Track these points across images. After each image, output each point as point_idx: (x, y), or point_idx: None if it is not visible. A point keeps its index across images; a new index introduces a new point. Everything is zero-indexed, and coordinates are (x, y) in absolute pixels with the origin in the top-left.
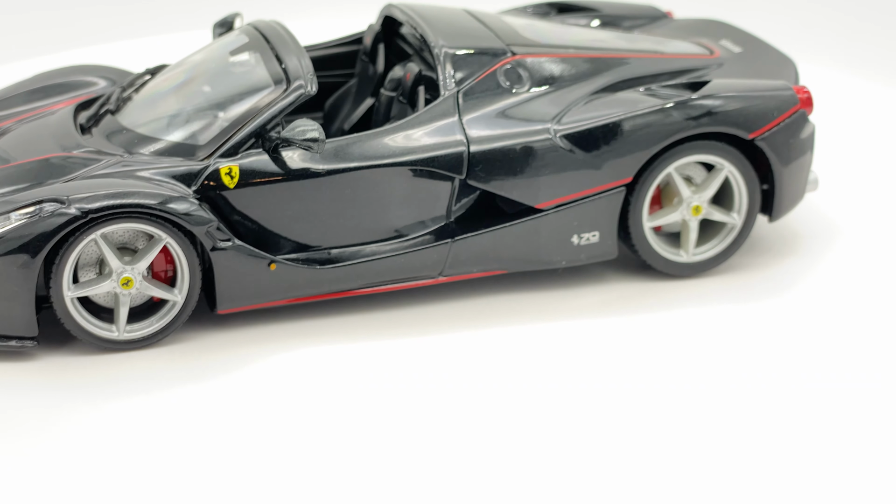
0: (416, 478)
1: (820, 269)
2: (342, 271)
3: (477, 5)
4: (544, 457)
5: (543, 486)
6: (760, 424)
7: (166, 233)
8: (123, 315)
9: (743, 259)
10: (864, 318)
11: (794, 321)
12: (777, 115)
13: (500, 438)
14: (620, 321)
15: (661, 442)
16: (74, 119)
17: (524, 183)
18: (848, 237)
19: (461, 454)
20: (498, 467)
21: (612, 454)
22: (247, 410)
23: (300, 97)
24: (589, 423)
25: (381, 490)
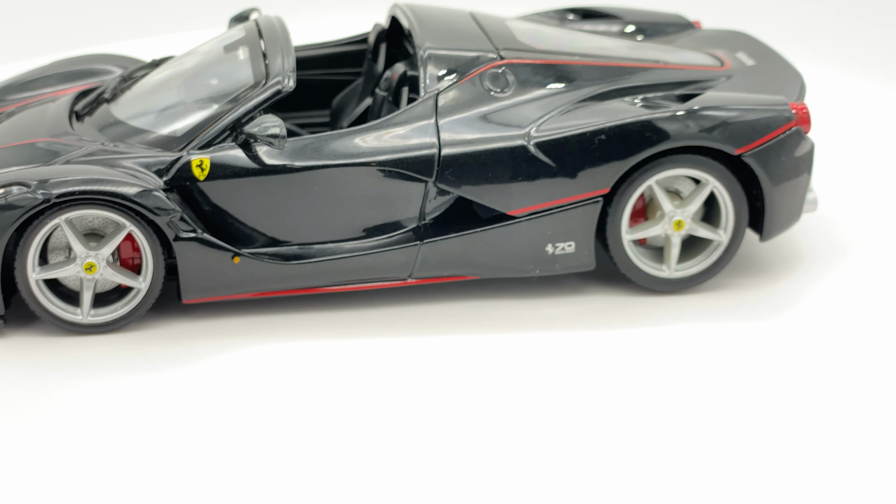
0: (362, 477)
1: (815, 293)
2: (308, 268)
3: (500, 9)
4: (493, 464)
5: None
6: (729, 445)
7: (130, 221)
8: (86, 299)
9: (734, 277)
10: (853, 348)
11: (775, 345)
12: (768, 131)
13: (447, 445)
14: (592, 335)
15: (617, 463)
16: (72, 106)
17: (496, 189)
18: (848, 254)
19: (408, 457)
20: (445, 473)
21: (567, 469)
22: (200, 402)
23: (275, 94)
24: (540, 437)
25: (327, 487)
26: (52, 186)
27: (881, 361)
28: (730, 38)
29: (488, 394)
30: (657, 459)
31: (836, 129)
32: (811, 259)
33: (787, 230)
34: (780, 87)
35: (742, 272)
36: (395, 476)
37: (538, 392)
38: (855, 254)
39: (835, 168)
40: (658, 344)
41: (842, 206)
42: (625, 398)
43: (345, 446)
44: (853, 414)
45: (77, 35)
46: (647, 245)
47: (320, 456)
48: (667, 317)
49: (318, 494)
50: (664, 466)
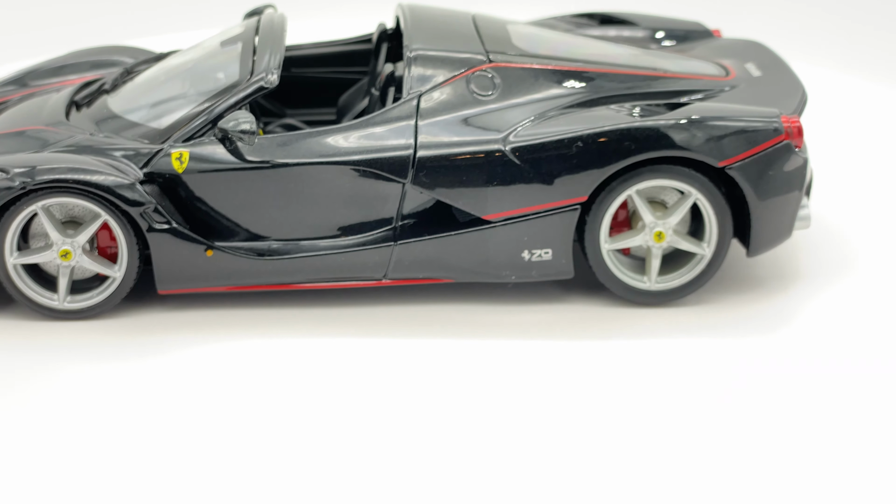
0: (322, 474)
1: (807, 310)
2: (281, 264)
3: (520, 13)
4: (451, 468)
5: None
6: (701, 462)
7: (104, 211)
8: (62, 285)
9: (722, 292)
10: (839, 368)
11: (757, 363)
12: (754, 144)
13: (405, 447)
14: (565, 344)
15: (580, 477)
16: (73, 96)
17: (471, 193)
18: (846, 268)
19: (365, 456)
20: (404, 475)
21: (527, 478)
22: (166, 393)
23: (258, 91)
24: (501, 444)
25: (286, 480)
26: (29, 174)
27: (870, 379)
28: (744, 47)
29: (451, 399)
30: (624, 474)
31: (835, 130)
32: (807, 272)
33: (776, 247)
34: (779, 100)
35: (732, 287)
36: (353, 474)
37: (501, 400)
38: (853, 267)
39: (834, 169)
40: (633, 357)
41: (841, 211)
42: (590, 411)
43: (306, 443)
44: (835, 431)
45: (113, 29)
46: (631, 255)
47: (280, 449)
48: (646, 330)
49: (280, 487)
50: (633, 481)
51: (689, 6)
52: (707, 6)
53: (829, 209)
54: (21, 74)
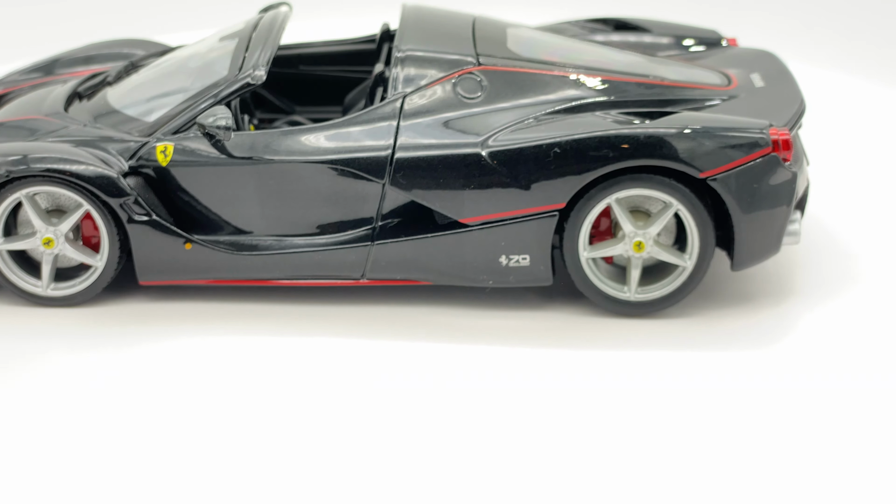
0: (286, 471)
1: (796, 324)
2: (259, 260)
3: (533, 16)
4: (404, 473)
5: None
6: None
7: (86, 201)
8: (45, 272)
9: (711, 305)
10: (820, 388)
11: (737, 378)
12: (738, 156)
13: (354, 449)
14: (540, 352)
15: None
16: (77, 88)
17: (447, 195)
18: (843, 279)
19: (332, 456)
20: (366, 476)
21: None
22: (138, 384)
23: (244, 87)
24: (464, 451)
25: (251, 475)
26: (13, 163)
27: (853, 396)
28: (755, 57)
29: (419, 402)
30: (591, 487)
31: (835, 132)
32: (800, 285)
33: (762, 262)
34: (774, 112)
35: (719, 300)
36: (322, 470)
37: (469, 406)
38: (850, 280)
39: (833, 172)
40: (610, 367)
41: (840, 217)
42: (562, 420)
43: (279, 438)
44: (814, 449)
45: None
46: (614, 264)
47: (255, 443)
48: (625, 340)
49: (253, 479)
50: (600, 494)
51: (694, 11)
52: (710, 9)
53: (828, 214)
54: (49, 62)
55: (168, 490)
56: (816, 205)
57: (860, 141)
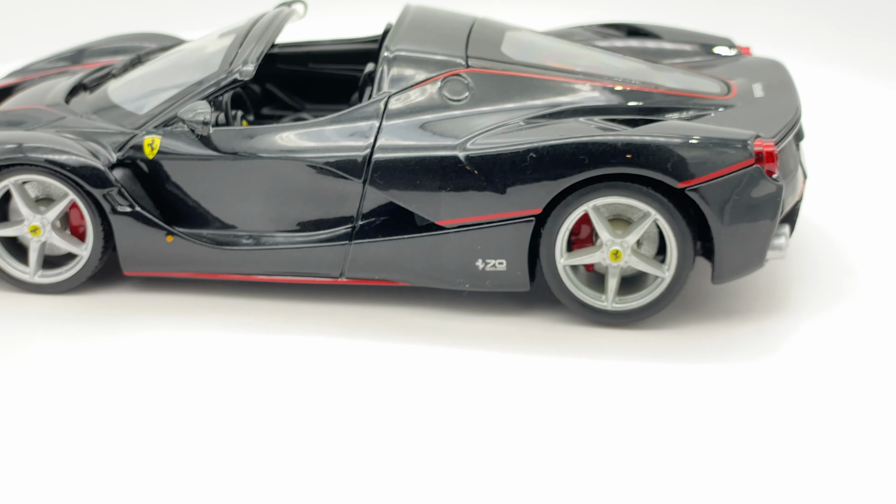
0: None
1: (789, 339)
2: (240, 255)
3: (546, 21)
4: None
5: None
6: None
7: (72, 190)
8: (32, 259)
9: (696, 316)
10: (797, 408)
11: (708, 392)
12: (719, 167)
13: (317, 449)
14: (515, 357)
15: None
16: (84, 79)
17: (424, 197)
18: (837, 291)
19: (279, 456)
20: (333, 474)
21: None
22: (113, 375)
23: (231, 83)
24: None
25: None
26: (0, 151)
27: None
28: (762, 67)
29: (387, 403)
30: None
31: (833, 130)
32: (796, 295)
33: (744, 276)
34: (766, 123)
35: (705, 312)
36: (290, 464)
37: (436, 409)
38: (842, 293)
39: (830, 174)
40: (584, 376)
41: (836, 222)
42: (530, 428)
43: (252, 432)
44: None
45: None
46: (595, 272)
47: (229, 436)
48: (601, 349)
49: (228, 470)
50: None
51: (714, 17)
52: (731, 17)
53: (824, 219)
54: (77, 50)
55: (141, 478)
56: (813, 209)
57: (859, 142)
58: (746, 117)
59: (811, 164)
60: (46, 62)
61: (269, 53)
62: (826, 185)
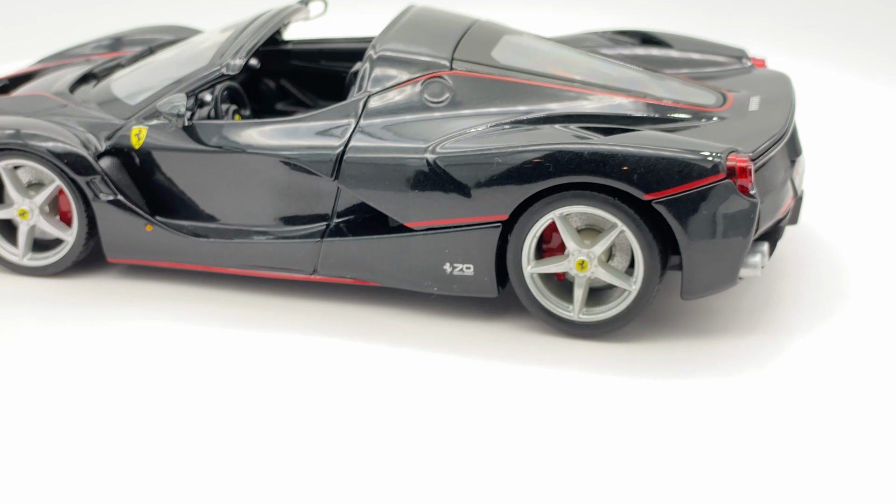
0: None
1: (751, 353)
2: (216, 247)
3: (558, 26)
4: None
5: None
6: None
7: (58, 176)
8: (21, 242)
9: (675, 330)
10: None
11: (663, 407)
12: (687, 180)
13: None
14: (475, 363)
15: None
16: (94, 68)
17: (393, 198)
18: (827, 306)
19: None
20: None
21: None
22: (86, 363)
23: (217, 77)
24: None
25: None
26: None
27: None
28: (767, 80)
29: (340, 402)
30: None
31: (829, 132)
32: (783, 311)
33: (716, 293)
34: (749, 137)
35: (686, 327)
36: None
37: (391, 411)
38: (827, 312)
39: (825, 177)
40: (543, 385)
41: (831, 228)
42: (481, 434)
43: (219, 422)
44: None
45: None
46: (566, 282)
47: (195, 425)
48: (564, 360)
49: (200, 459)
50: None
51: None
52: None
53: (819, 225)
54: (115, 38)
55: (113, 461)
56: (809, 217)
57: (857, 143)
58: (734, 130)
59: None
60: (85, 47)
61: (283, 50)
62: (823, 190)
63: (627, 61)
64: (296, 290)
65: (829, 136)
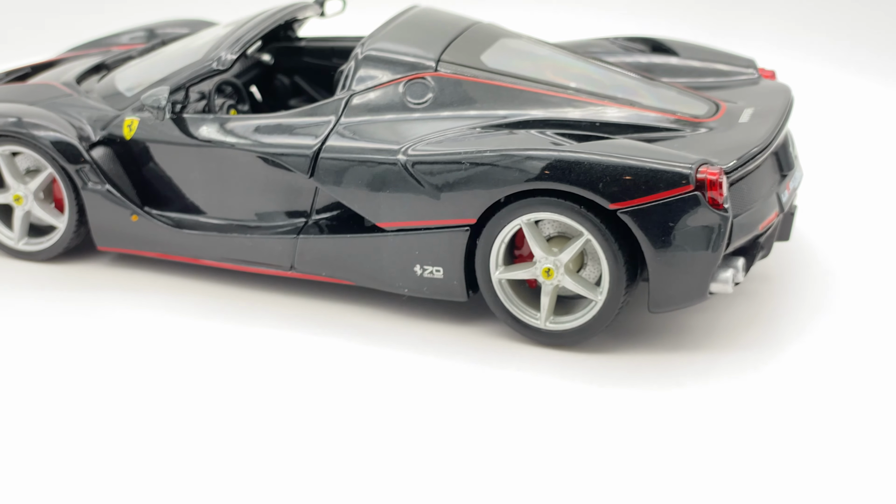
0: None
1: (726, 366)
2: (197, 239)
3: (569, 31)
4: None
5: None
6: None
7: (50, 164)
8: (17, 227)
9: (657, 339)
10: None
11: (633, 417)
12: (654, 190)
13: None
14: (441, 364)
15: None
16: (107, 59)
17: (366, 197)
18: (812, 319)
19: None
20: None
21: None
22: (68, 349)
23: (208, 71)
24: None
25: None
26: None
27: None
28: (767, 92)
29: (312, 400)
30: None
31: (832, 143)
32: (764, 328)
33: (684, 307)
34: (729, 150)
35: (660, 340)
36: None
37: (365, 410)
38: (796, 331)
39: (830, 191)
40: (507, 390)
41: (825, 246)
42: (434, 432)
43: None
44: None
45: None
46: (537, 289)
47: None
48: (525, 364)
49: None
50: None
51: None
52: None
53: (814, 240)
54: (152, 27)
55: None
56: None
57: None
58: (718, 142)
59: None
60: (121, 37)
61: (296, 47)
62: (824, 204)
63: (626, 68)
64: (278, 285)
65: (836, 147)
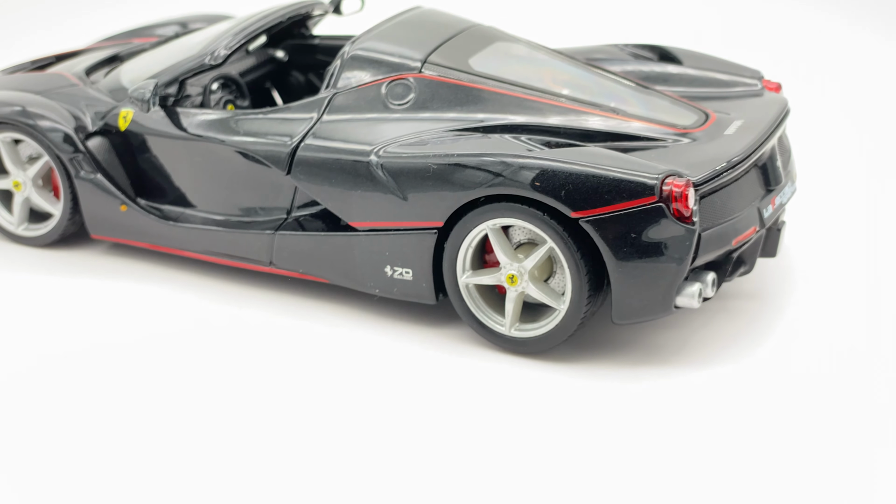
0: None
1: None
2: (181, 231)
3: (576, 36)
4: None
5: None
6: None
7: (46, 151)
8: (16, 212)
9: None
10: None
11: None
12: (617, 200)
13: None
14: (420, 352)
15: None
16: (121, 52)
17: (339, 196)
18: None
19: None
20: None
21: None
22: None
23: (201, 66)
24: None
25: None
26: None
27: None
28: (761, 104)
29: (286, 386)
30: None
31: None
32: (733, 341)
33: (648, 319)
34: (706, 162)
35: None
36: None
37: (343, 399)
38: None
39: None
40: (457, 377)
41: (812, 256)
42: (398, 423)
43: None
44: None
45: None
46: None
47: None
48: (497, 356)
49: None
50: None
51: None
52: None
53: (801, 248)
54: (184, 20)
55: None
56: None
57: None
58: (698, 153)
59: None
60: (152, 30)
61: (310, 45)
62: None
63: (622, 76)
64: (262, 275)
65: (841, 165)
